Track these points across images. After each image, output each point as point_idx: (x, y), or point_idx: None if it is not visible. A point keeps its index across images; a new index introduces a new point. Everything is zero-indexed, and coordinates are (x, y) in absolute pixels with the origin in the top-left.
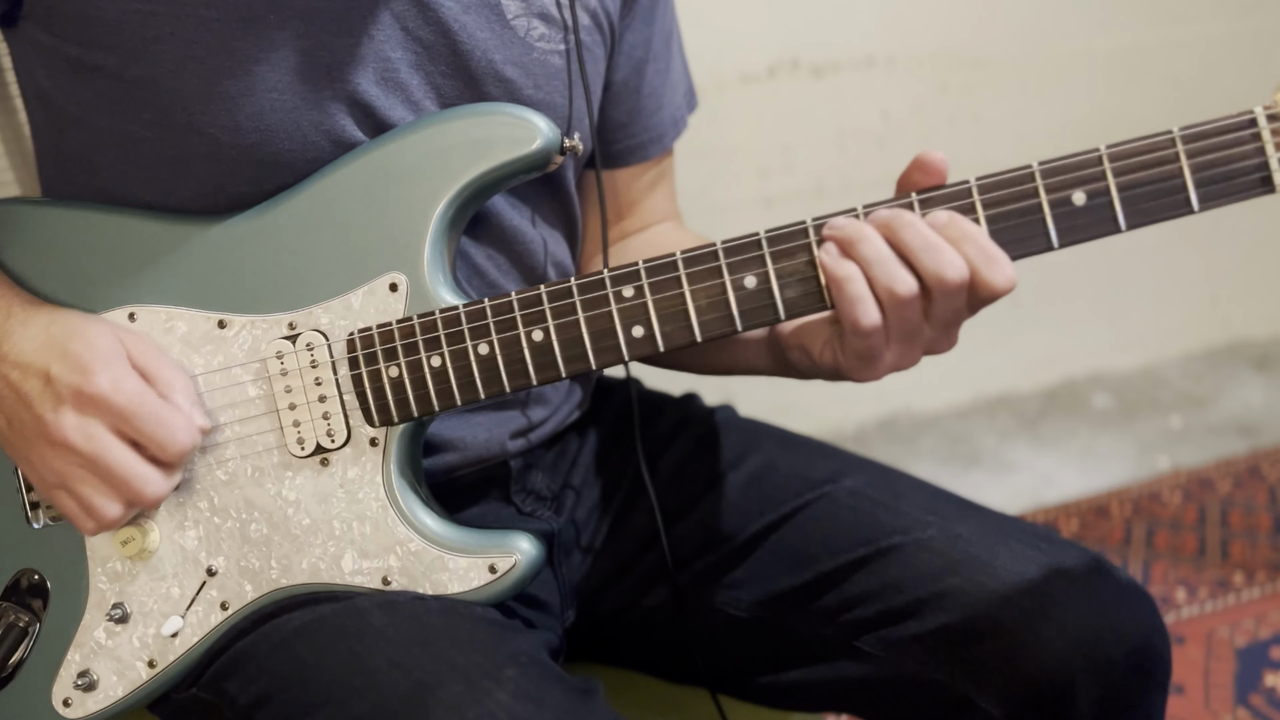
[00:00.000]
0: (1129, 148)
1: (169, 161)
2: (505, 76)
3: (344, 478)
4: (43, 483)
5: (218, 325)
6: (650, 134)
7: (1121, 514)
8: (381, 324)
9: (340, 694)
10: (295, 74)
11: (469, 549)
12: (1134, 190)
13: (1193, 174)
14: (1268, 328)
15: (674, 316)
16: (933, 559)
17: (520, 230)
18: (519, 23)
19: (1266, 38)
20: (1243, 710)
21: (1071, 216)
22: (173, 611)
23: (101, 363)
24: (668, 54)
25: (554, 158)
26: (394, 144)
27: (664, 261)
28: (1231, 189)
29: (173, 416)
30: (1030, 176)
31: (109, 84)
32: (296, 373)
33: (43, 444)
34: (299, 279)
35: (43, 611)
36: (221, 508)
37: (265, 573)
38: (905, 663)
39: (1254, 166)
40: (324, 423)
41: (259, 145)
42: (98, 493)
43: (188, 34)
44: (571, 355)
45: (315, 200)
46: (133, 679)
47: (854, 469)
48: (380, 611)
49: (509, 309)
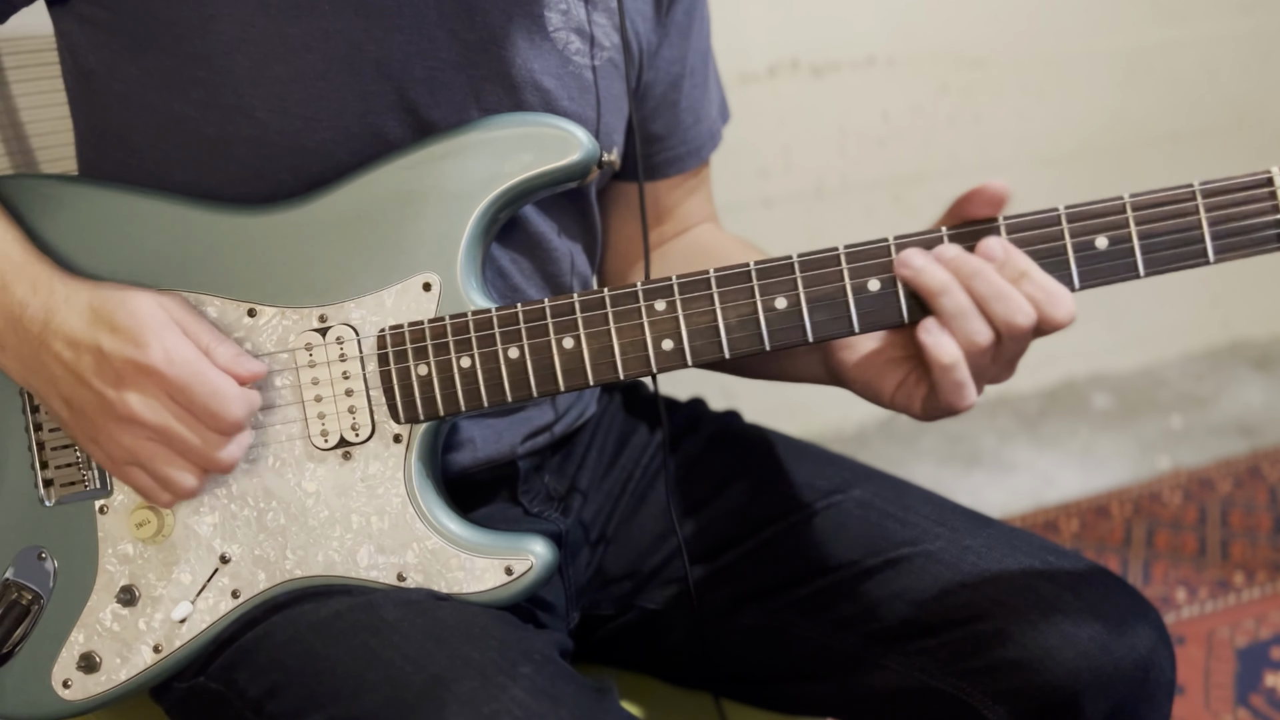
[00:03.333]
0: (1151, 198)
1: (211, 143)
2: (543, 86)
3: (365, 472)
4: (111, 461)
5: (247, 314)
6: (688, 146)
7: (1121, 514)
8: (413, 322)
9: (353, 687)
10: (343, 64)
11: (486, 550)
12: (1154, 239)
13: (1210, 227)
14: (1268, 328)
15: (704, 332)
16: (941, 570)
17: (544, 236)
18: (559, 36)
19: (1266, 38)
20: (1243, 710)
21: (1094, 260)
22: (182, 597)
23: (153, 333)
24: (705, 70)
25: (592, 170)
26: (435, 146)
27: (697, 278)
28: (1246, 243)
29: (225, 385)
30: (1056, 219)
31: (161, 60)
32: (325, 365)
33: (109, 421)
34: (332, 273)
35: (49, 590)
36: (240, 495)
37: (280, 563)
38: (912, 673)
39: (1268, 224)
40: (349, 416)
41: (302, 132)
42: (172, 465)
43: (244, 15)
44: (601, 364)
45: (353, 197)
46: (136, 663)
47: (862, 479)
48: (394, 607)
49: (541, 315)
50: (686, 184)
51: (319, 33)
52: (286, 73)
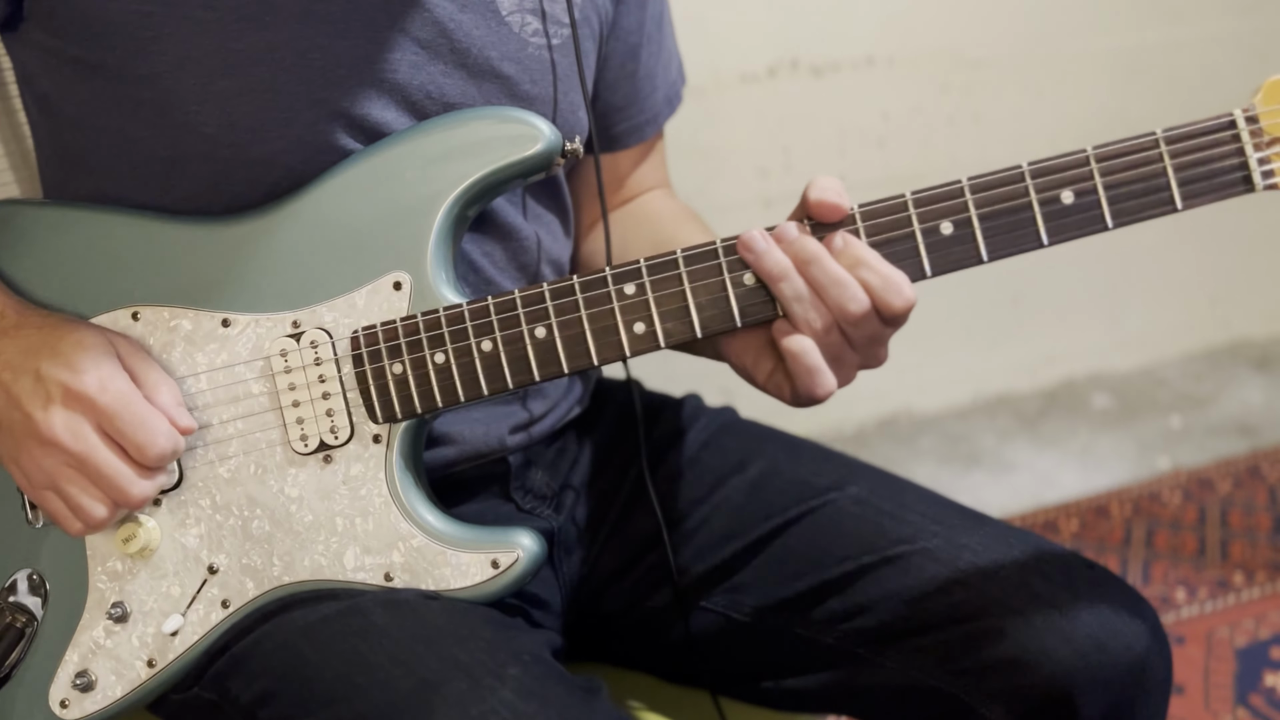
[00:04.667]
0: (1115, 149)
1: (164, 161)
2: (503, 73)
3: (347, 474)
4: (30, 483)
5: (221, 324)
6: (646, 115)
7: (1121, 514)
8: (385, 322)
9: (344, 692)
10: (291, 74)
11: (471, 545)
12: (1120, 189)
13: (1175, 174)
14: (1268, 328)
15: (675, 313)
16: (937, 568)
17: (516, 227)
18: (513, 18)
19: (1266, 38)
20: (1243, 710)
21: (1061, 215)
22: (173, 610)
23: (91, 361)
24: (659, 34)
25: (555, 160)
26: (399, 146)
27: (665, 259)
28: (1213, 188)
29: (155, 420)
30: (1020, 177)
31: (108, 83)
32: (300, 370)
33: (32, 443)
34: (303, 278)
35: (41, 611)
36: (223, 505)
37: (267, 570)
38: (909, 671)
39: (1234, 166)
40: (327, 419)
41: (252, 144)
42: (85, 493)
43: (186, 34)
44: (574, 352)
45: (320, 201)
46: (131, 679)
47: (858, 476)
48: (383, 610)
49: (512, 306)
50: (641, 151)
51: (264, 45)
52: (233, 87)
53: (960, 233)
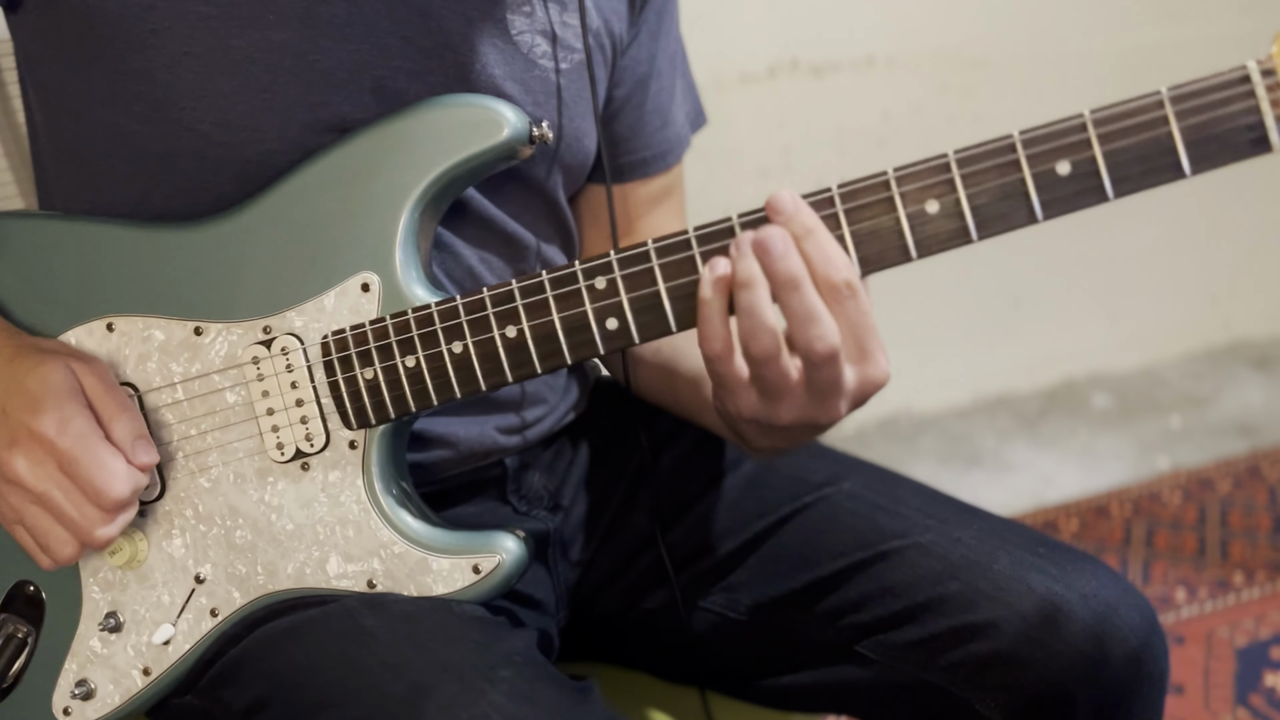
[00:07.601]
0: (1115, 111)
1: (155, 156)
2: (506, 92)
3: (325, 482)
4: (1, 517)
5: (194, 332)
6: (654, 150)
7: (1121, 514)
8: (355, 325)
9: (336, 697)
10: (290, 76)
11: (452, 550)
12: (1122, 156)
13: (1183, 136)
14: (1268, 328)
15: (649, 309)
16: (931, 563)
17: (518, 236)
18: (523, 39)
19: (1266, 38)
20: (1243, 710)
21: (1056, 187)
22: (164, 619)
23: (53, 400)
24: (672, 73)
25: (522, 148)
26: (359, 140)
27: (637, 252)
28: (1225, 150)
29: (112, 463)
30: (1011, 147)
31: (104, 75)
32: (273, 378)
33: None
34: (272, 283)
35: (40, 622)
36: (206, 515)
37: (252, 579)
38: (904, 667)
39: (1248, 125)
40: (302, 427)
41: (246, 144)
42: (51, 532)
43: (185, 30)
44: (546, 351)
45: (284, 201)
46: (129, 687)
47: (852, 471)
48: (370, 612)
49: (482, 306)
50: (651, 191)
51: (264, 45)
52: (230, 86)
53: (946, 210)
